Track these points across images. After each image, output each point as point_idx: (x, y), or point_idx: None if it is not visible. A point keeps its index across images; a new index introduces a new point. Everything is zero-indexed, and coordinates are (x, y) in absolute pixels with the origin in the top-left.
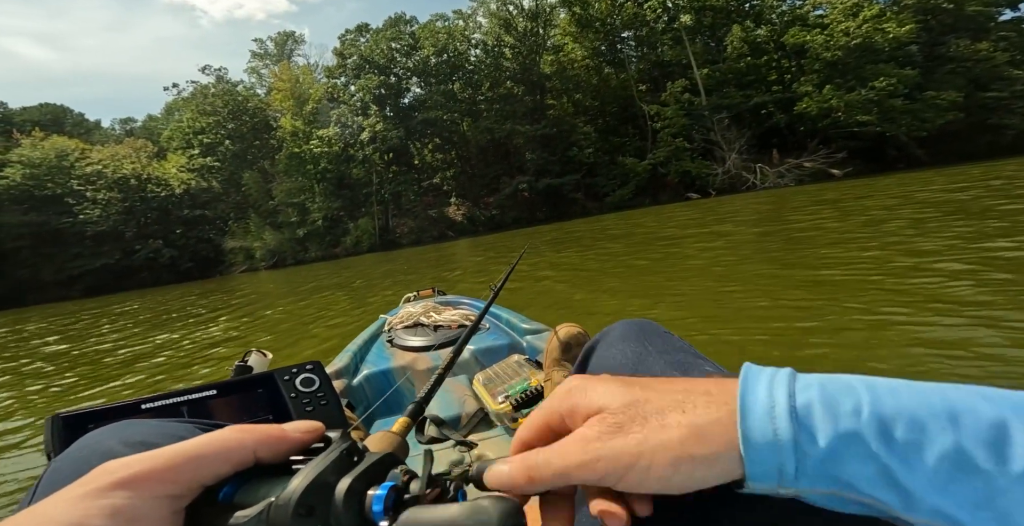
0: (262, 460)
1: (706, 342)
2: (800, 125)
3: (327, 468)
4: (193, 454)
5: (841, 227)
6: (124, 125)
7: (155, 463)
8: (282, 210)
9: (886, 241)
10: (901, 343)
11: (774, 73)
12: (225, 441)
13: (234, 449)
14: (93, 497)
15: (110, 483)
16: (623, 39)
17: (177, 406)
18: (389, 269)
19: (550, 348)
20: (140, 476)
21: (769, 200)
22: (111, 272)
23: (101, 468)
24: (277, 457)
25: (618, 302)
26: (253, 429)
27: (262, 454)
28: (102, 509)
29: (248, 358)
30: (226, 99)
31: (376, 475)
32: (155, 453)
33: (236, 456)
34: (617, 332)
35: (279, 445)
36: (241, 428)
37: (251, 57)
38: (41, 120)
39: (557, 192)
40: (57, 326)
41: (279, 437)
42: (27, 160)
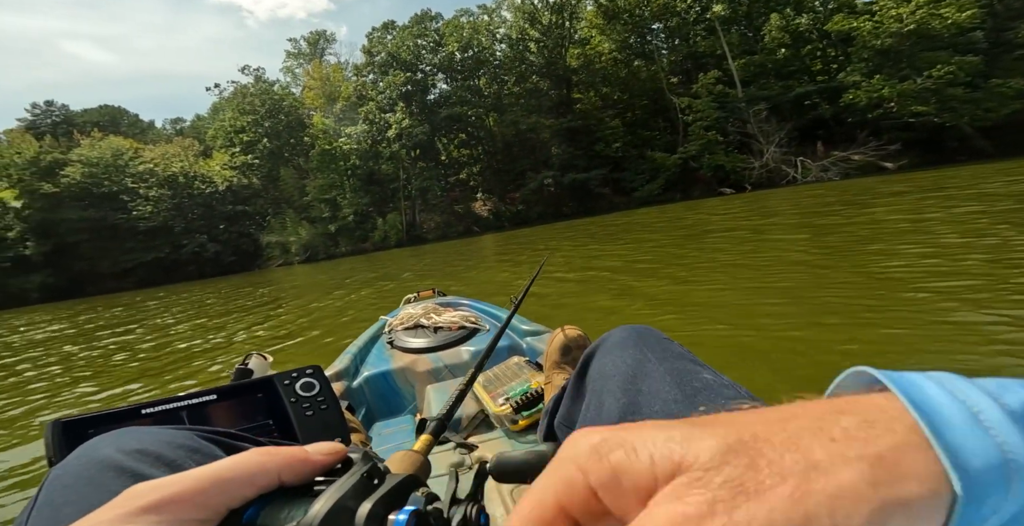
0: (285, 483)
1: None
2: (847, 116)
3: (347, 492)
4: (220, 478)
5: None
6: (174, 125)
7: (183, 487)
8: (315, 206)
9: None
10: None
11: (818, 63)
12: (250, 465)
13: (259, 473)
14: (123, 521)
15: (139, 508)
16: (652, 30)
17: (177, 411)
18: (430, 262)
19: (550, 350)
20: (168, 500)
21: (827, 193)
22: (161, 265)
23: (130, 492)
24: (300, 480)
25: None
26: (277, 452)
27: (286, 477)
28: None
29: (248, 361)
30: (263, 98)
31: (397, 498)
32: (182, 476)
33: (261, 480)
34: (616, 338)
35: (302, 468)
36: (266, 451)
37: (286, 56)
38: (100, 121)
39: (583, 187)
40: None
41: (303, 460)
42: (86, 159)
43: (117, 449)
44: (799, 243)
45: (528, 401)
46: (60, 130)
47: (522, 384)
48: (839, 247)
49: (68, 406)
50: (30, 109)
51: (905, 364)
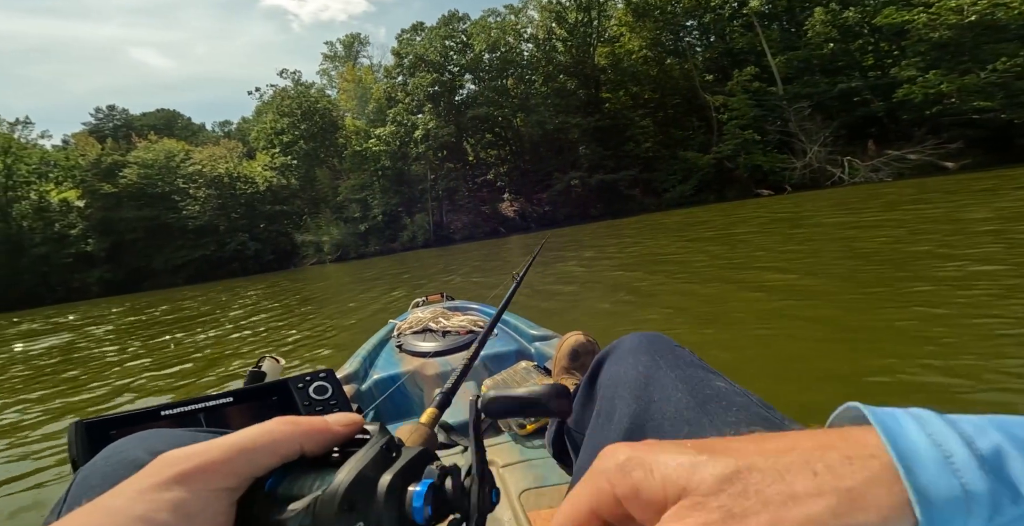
0: (306, 453)
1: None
2: (902, 113)
3: (368, 464)
4: (247, 446)
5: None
6: (222, 127)
7: (212, 455)
8: (347, 206)
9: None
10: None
11: (870, 57)
12: (274, 433)
13: (283, 442)
14: (157, 490)
15: (172, 476)
16: (686, 27)
17: (195, 413)
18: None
19: (559, 356)
20: (200, 469)
21: (895, 193)
22: (208, 262)
23: (162, 460)
24: (320, 450)
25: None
26: (299, 421)
27: (308, 447)
28: (167, 503)
29: (262, 364)
30: (300, 101)
31: (414, 471)
32: (210, 445)
33: (284, 448)
34: (627, 345)
35: (323, 438)
36: (288, 420)
37: (323, 59)
38: (157, 124)
39: (612, 188)
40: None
41: (324, 430)
42: (141, 161)
43: (145, 450)
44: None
45: None
46: (120, 133)
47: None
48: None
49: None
50: (94, 113)
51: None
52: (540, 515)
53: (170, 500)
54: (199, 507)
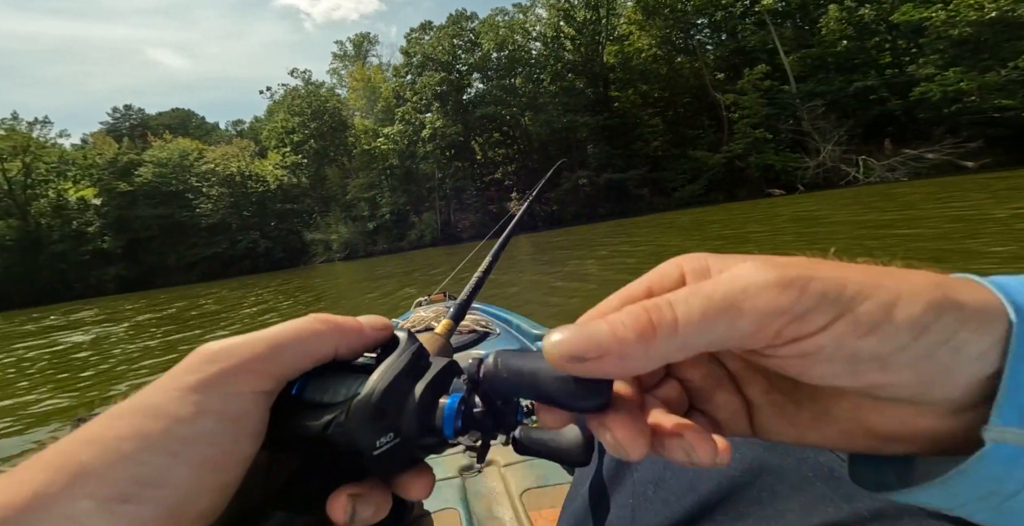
0: (339, 355)
1: None
2: (920, 112)
3: (401, 371)
4: (285, 342)
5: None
6: (235, 126)
7: (254, 351)
8: (356, 204)
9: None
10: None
11: (887, 55)
12: (311, 331)
13: (317, 342)
14: (200, 390)
15: (215, 375)
16: (696, 26)
17: None
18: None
19: None
20: (243, 367)
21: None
22: (220, 260)
23: (203, 354)
24: (352, 353)
25: None
26: (333, 320)
27: (341, 348)
28: (210, 405)
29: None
30: (310, 100)
31: (444, 383)
32: (249, 340)
33: (318, 349)
34: None
35: (357, 341)
36: (324, 319)
37: (332, 58)
38: (172, 124)
39: (620, 187)
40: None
41: (358, 332)
42: (156, 160)
43: None
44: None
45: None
46: (136, 132)
47: None
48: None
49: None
50: (111, 113)
51: None
52: (542, 515)
53: (214, 402)
54: (241, 411)
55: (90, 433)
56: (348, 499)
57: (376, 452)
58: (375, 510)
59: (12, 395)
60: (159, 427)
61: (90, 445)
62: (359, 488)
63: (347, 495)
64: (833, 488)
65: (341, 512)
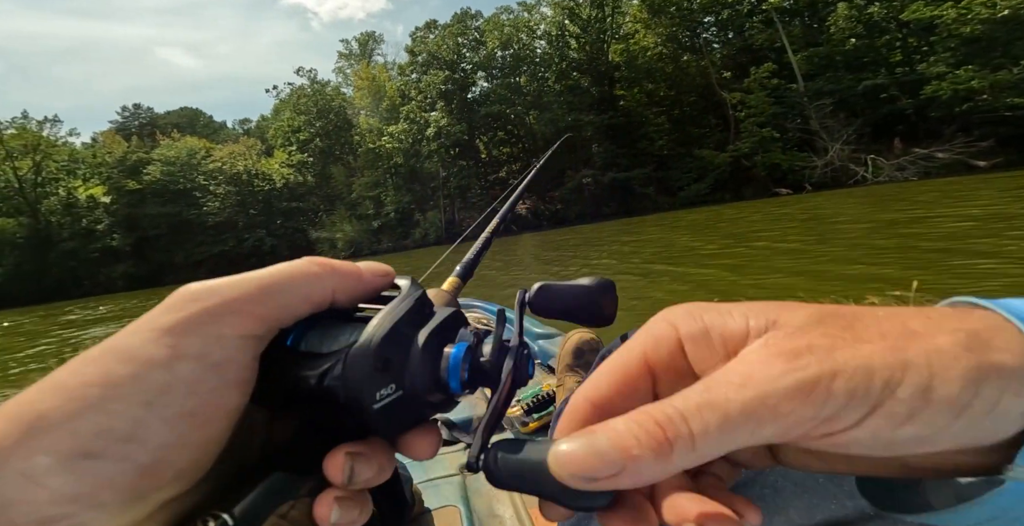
0: (336, 301)
1: None
2: (930, 110)
3: (403, 317)
4: (276, 284)
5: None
6: (242, 125)
7: (240, 291)
8: (361, 202)
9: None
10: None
11: (898, 54)
12: (306, 275)
13: (314, 285)
14: (178, 332)
15: (195, 314)
16: (702, 24)
17: None
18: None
19: (562, 354)
20: (227, 307)
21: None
22: (226, 258)
23: (183, 293)
24: (350, 300)
25: None
26: (330, 263)
27: (339, 295)
28: (189, 349)
29: None
30: (315, 99)
31: (448, 332)
32: (235, 280)
33: (316, 293)
34: (620, 345)
35: (356, 286)
36: (320, 262)
37: (338, 57)
38: (180, 122)
39: (625, 186)
40: None
41: (356, 276)
42: (164, 159)
43: None
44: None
45: (539, 403)
46: (145, 131)
47: (533, 386)
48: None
49: None
50: (120, 112)
51: None
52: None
53: (194, 345)
54: (225, 356)
55: (55, 380)
56: (346, 457)
57: (377, 405)
58: (376, 471)
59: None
60: (129, 372)
61: (53, 393)
62: (359, 446)
63: (345, 453)
64: (838, 485)
65: (338, 471)
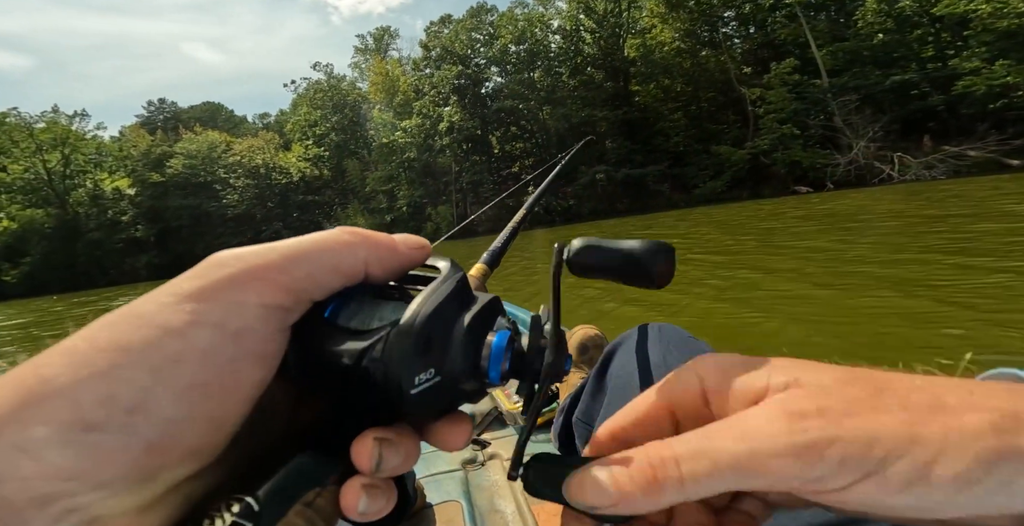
0: (369, 276)
1: None
2: (962, 107)
3: (445, 299)
4: (305, 253)
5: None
6: (262, 119)
7: (268, 259)
8: (375, 197)
9: None
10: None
11: (930, 49)
12: (338, 244)
13: (346, 256)
14: (198, 298)
15: (219, 281)
16: (722, 18)
17: None
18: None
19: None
20: (252, 274)
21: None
22: None
23: (210, 260)
24: (384, 275)
25: None
26: (362, 233)
27: (372, 266)
28: (208, 316)
29: None
30: (331, 94)
31: (488, 319)
32: (264, 248)
33: (348, 265)
34: (637, 336)
35: (391, 260)
36: (353, 231)
37: (354, 52)
38: (202, 117)
39: (639, 182)
40: None
41: (391, 247)
42: (186, 152)
43: None
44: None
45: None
46: (169, 125)
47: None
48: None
49: None
50: (146, 106)
51: None
52: (544, 509)
53: (213, 312)
54: (246, 325)
55: (66, 345)
56: (375, 443)
57: (415, 390)
58: (403, 459)
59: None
60: (141, 337)
61: (61, 357)
62: (388, 432)
63: (374, 438)
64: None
65: (367, 458)
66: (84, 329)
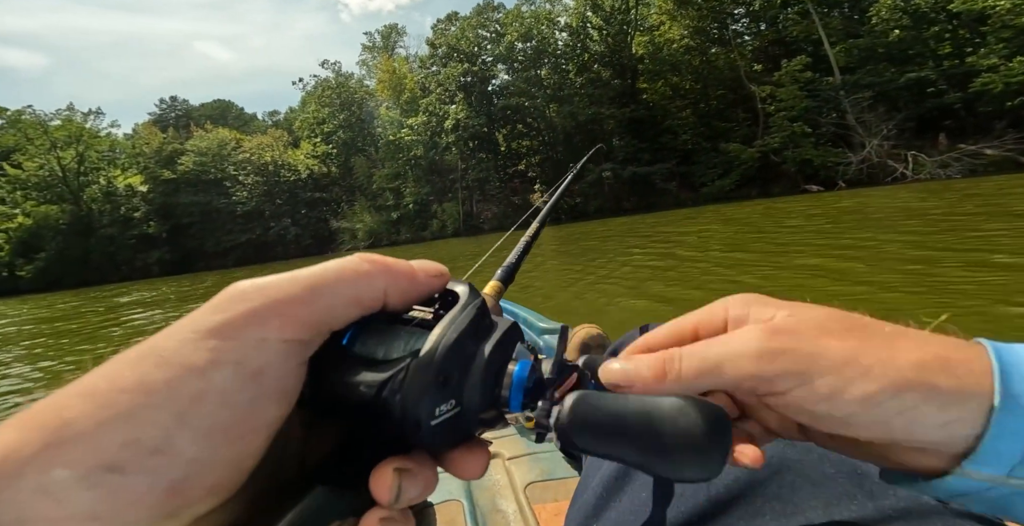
0: (388, 304)
1: None
2: (979, 105)
3: (466, 329)
4: (324, 284)
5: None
6: (271, 117)
7: (288, 292)
8: (381, 194)
9: None
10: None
11: (948, 45)
12: (357, 272)
13: (365, 286)
14: (220, 335)
15: (241, 316)
16: (732, 15)
17: None
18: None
19: (568, 349)
20: (273, 309)
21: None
22: (253, 246)
23: (231, 293)
24: (403, 302)
25: None
26: (382, 260)
27: (391, 294)
28: (229, 354)
29: None
30: (339, 91)
31: (508, 347)
32: (283, 279)
33: (367, 295)
34: (639, 336)
35: (409, 287)
36: (371, 259)
37: (362, 50)
38: (213, 114)
39: (646, 180)
40: None
41: (410, 276)
42: (197, 149)
43: None
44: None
45: None
46: (181, 122)
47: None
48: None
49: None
50: (158, 104)
51: None
52: (545, 508)
53: (234, 351)
54: (267, 362)
55: (88, 383)
56: (395, 474)
57: (434, 422)
58: (422, 488)
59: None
60: (163, 378)
61: (83, 398)
62: (407, 462)
63: (394, 469)
64: (857, 485)
65: (386, 489)
66: (104, 366)
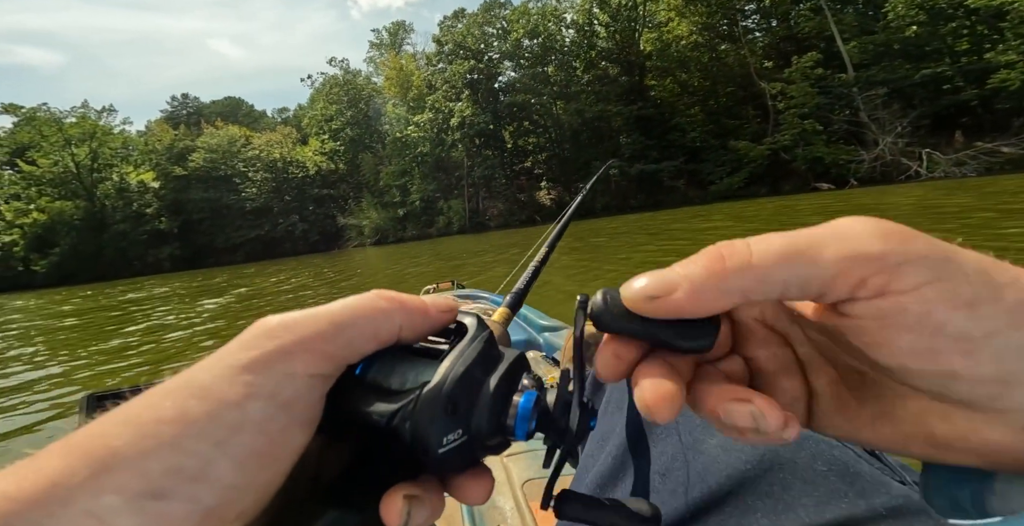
0: (402, 337)
1: None
2: (997, 102)
3: (474, 361)
4: (346, 321)
5: None
6: (280, 114)
7: (314, 328)
8: (388, 191)
9: None
10: None
11: (965, 42)
12: (375, 309)
13: (382, 322)
14: (253, 371)
15: (271, 353)
16: (742, 12)
17: None
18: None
19: (567, 346)
20: (302, 345)
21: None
22: (262, 242)
23: (261, 328)
24: (416, 336)
25: None
26: (398, 297)
27: (406, 329)
28: (261, 388)
29: None
30: (347, 88)
31: (515, 378)
32: (309, 315)
33: (384, 330)
34: None
35: (422, 322)
36: (387, 296)
37: (369, 47)
38: (223, 112)
39: (653, 178)
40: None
41: (423, 312)
42: (207, 146)
43: None
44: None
45: None
46: (192, 120)
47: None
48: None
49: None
50: (170, 101)
51: None
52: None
53: (266, 384)
54: (295, 394)
55: (129, 413)
56: (404, 500)
57: (442, 449)
58: (430, 513)
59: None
60: (204, 410)
61: (126, 427)
62: (415, 488)
63: (403, 495)
64: (848, 483)
65: (396, 515)
66: (143, 396)
